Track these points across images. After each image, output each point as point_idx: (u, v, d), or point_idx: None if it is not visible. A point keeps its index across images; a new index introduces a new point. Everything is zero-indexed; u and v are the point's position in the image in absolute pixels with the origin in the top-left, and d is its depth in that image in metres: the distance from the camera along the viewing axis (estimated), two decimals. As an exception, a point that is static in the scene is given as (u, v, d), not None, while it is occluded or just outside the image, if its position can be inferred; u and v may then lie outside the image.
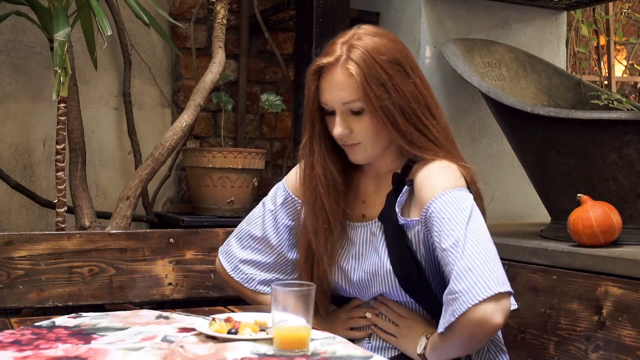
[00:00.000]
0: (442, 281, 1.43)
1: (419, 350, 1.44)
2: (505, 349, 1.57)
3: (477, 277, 1.27)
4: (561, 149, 2.02)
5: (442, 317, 1.33)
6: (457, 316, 1.28)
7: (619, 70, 4.08)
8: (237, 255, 1.66)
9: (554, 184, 2.12)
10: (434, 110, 1.48)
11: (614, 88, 3.89)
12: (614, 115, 1.92)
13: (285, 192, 1.62)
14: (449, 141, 1.49)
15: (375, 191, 1.55)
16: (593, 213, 1.87)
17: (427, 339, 1.43)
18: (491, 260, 1.30)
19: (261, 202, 1.67)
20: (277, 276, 1.64)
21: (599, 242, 1.87)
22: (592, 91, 2.51)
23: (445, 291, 1.32)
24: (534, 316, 1.80)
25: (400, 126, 1.43)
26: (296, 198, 1.61)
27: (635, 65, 4.18)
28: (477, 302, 1.25)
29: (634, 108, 2.34)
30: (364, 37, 1.44)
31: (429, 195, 1.39)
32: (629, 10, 4.03)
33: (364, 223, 1.53)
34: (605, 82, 3.89)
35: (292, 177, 1.62)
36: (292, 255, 1.63)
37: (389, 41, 1.46)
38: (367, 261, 1.50)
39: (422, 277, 1.44)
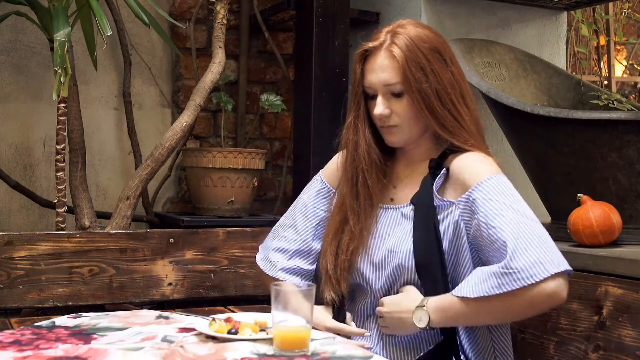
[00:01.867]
0: (457, 270, 1.49)
1: (422, 325, 1.44)
2: (510, 354, 1.57)
3: (540, 255, 1.35)
4: (561, 149, 2.02)
5: (490, 283, 1.36)
6: (519, 286, 1.33)
7: (619, 70, 4.08)
8: (269, 246, 1.72)
9: (554, 184, 2.12)
10: (468, 100, 1.56)
11: (614, 88, 3.89)
12: (614, 115, 1.92)
13: (321, 182, 1.69)
14: (479, 132, 1.57)
15: (407, 176, 1.60)
16: (593, 213, 1.87)
17: (424, 309, 1.44)
18: (548, 240, 1.39)
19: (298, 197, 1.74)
20: (298, 264, 1.66)
21: (599, 242, 1.87)
22: (592, 91, 2.51)
23: (500, 265, 1.36)
24: (534, 316, 1.80)
25: (435, 109, 1.51)
26: (331, 188, 1.67)
27: (635, 65, 4.18)
28: (547, 276, 1.33)
29: (634, 108, 2.34)
30: (407, 26, 1.55)
31: (473, 179, 1.46)
32: (629, 10, 4.03)
33: (394, 206, 1.58)
34: (605, 82, 3.89)
35: (329, 165, 1.70)
36: (316, 245, 1.67)
37: (430, 32, 1.56)
38: (391, 239, 1.54)
39: (440, 262, 1.47)
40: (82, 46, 2.54)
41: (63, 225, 2.13)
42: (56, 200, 2.15)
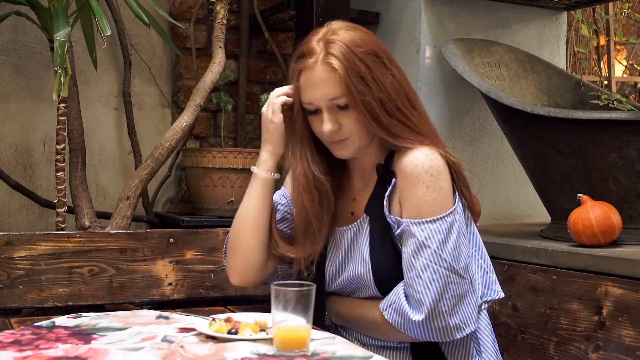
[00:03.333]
0: None
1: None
2: (492, 350, 1.54)
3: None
4: (561, 149, 2.02)
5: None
6: None
7: (619, 70, 4.08)
8: None
9: (554, 184, 2.12)
10: (413, 100, 1.48)
11: (614, 88, 3.89)
12: (614, 115, 1.92)
13: (283, 190, 1.64)
14: (431, 131, 1.49)
15: (363, 187, 1.55)
16: (593, 213, 1.87)
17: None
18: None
19: None
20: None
21: (599, 242, 1.87)
22: (592, 91, 2.51)
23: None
24: (534, 316, 1.80)
25: (382, 120, 1.42)
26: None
27: (635, 65, 4.18)
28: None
29: (634, 108, 2.34)
30: (338, 31, 1.44)
31: (410, 212, 1.42)
32: (629, 10, 4.03)
33: (351, 225, 1.54)
34: (605, 82, 3.89)
35: (287, 179, 1.64)
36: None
37: (363, 33, 1.46)
38: (352, 260, 1.52)
39: (399, 275, 1.44)
40: (82, 46, 2.54)
41: (63, 225, 2.14)
42: (56, 200, 2.15)
